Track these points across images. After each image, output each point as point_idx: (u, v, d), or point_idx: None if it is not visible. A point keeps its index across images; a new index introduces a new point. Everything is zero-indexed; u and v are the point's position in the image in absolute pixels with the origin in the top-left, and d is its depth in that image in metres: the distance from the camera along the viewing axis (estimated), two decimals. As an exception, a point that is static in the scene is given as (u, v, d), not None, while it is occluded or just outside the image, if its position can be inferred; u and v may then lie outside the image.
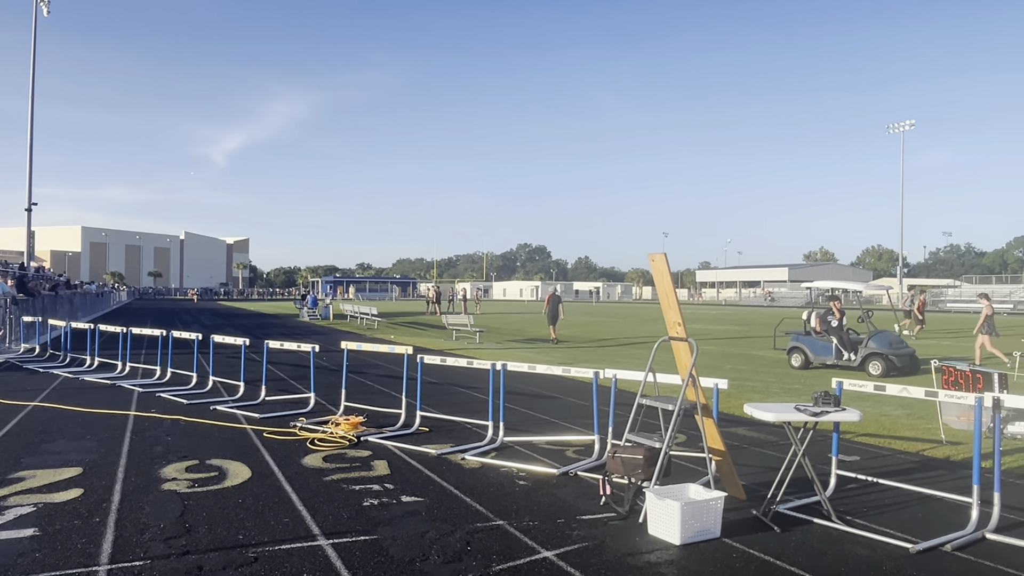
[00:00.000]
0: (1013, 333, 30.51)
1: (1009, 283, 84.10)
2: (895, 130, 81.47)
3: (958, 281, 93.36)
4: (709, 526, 5.02)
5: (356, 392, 11.00)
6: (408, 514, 5.45)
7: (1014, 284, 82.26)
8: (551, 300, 24.19)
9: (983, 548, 4.93)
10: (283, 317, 41.99)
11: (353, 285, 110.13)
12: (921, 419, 9.69)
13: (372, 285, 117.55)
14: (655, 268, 6.13)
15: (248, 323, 35.67)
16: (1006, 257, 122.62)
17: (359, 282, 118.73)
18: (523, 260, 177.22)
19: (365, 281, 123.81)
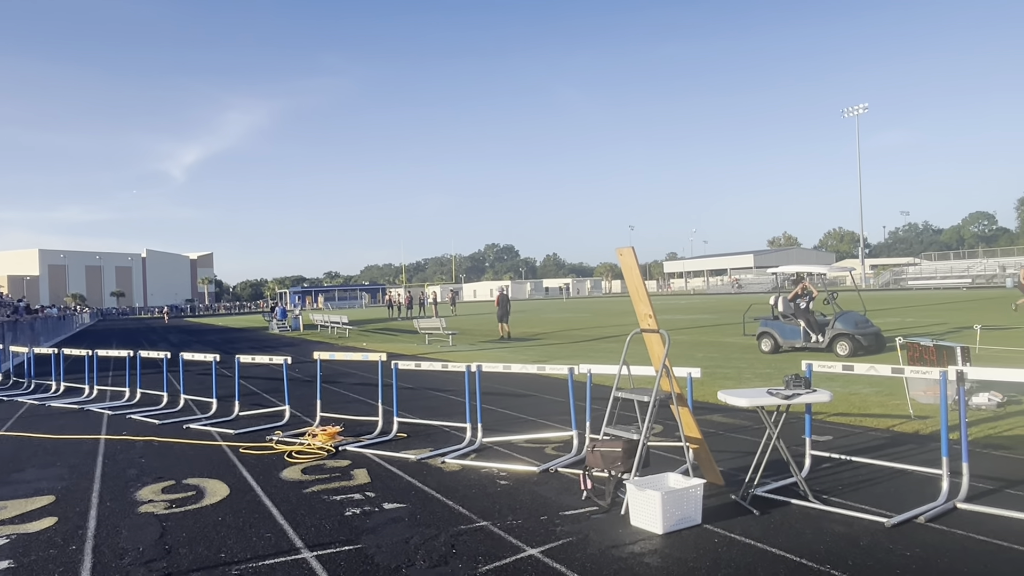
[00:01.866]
0: (973, 307, 31.28)
1: (966, 259, 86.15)
2: (850, 114, 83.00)
3: (918, 259, 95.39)
4: (690, 513, 5.09)
5: (331, 402, 10.93)
6: (391, 521, 5.44)
7: (971, 259, 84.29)
8: (500, 300, 25.46)
9: (955, 518, 5.06)
10: (252, 330, 41.50)
11: (322, 294, 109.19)
12: (889, 396, 9.90)
13: (341, 293, 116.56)
14: (624, 262, 6.18)
15: (217, 339, 35.20)
16: (962, 233, 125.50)
17: (328, 291, 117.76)
18: (492, 260, 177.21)
19: (334, 290, 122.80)
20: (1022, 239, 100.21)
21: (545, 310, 52.92)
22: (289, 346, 26.61)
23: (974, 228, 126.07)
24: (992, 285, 62.30)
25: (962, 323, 21.43)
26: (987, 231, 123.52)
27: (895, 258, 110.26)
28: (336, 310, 67.19)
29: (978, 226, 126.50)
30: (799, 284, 16.97)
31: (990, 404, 8.87)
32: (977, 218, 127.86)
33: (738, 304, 39.01)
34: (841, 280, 48.53)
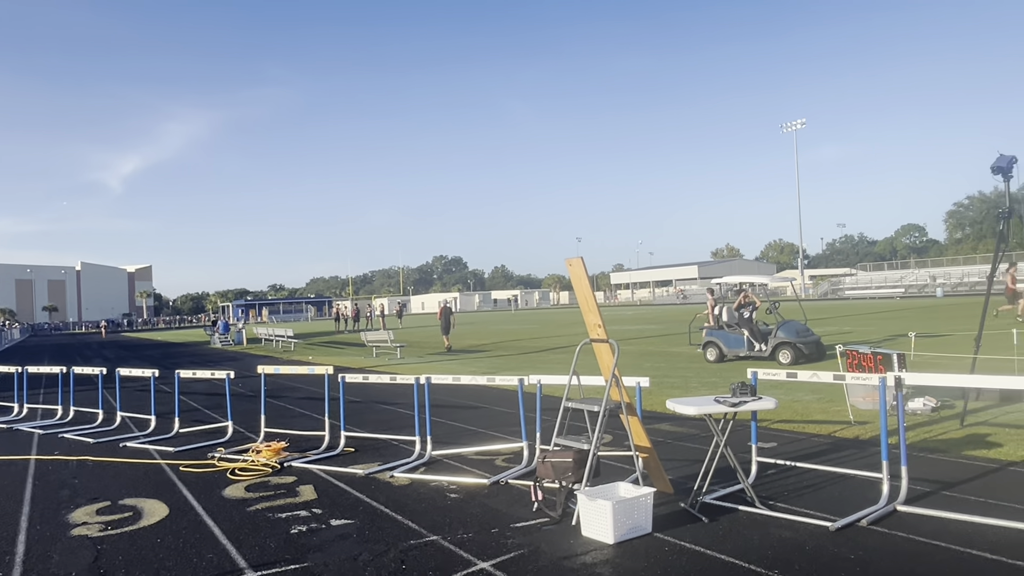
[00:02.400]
0: (907, 316, 32.41)
1: (900, 269, 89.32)
2: (788, 129, 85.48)
3: (854, 270, 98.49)
4: (641, 522, 5.10)
5: (277, 417, 10.68)
6: (339, 538, 5.32)
7: (904, 270, 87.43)
8: (443, 312, 26.00)
9: (895, 520, 5.19)
10: (193, 345, 40.41)
11: (266, 307, 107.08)
12: (830, 402, 10.14)
13: (286, 306, 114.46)
14: (573, 272, 6.20)
15: (156, 354, 34.16)
16: (895, 245, 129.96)
17: (272, 304, 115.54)
18: (440, 272, 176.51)
19: (279, 303, 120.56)
20: (950, 250, 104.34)
21: (494, 322, 52.90)
22: (232, 360, 25.97)
23: (906, 240, 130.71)
24: (924, 295, 64.66)
25: (897, 331, 22.17)
26: (918, 243, 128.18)
27: (832, 269, 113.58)
28: (281, 323, 65.93)
29: (910, 238, 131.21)
30: (742, 295, 17.32)
31: (925, 408, 9.17)
32: (909, 230, 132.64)
33: (684, 314, 39.64)
34: (782, 290, 49.76)
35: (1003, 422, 8.38)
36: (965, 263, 79.16)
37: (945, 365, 11.97)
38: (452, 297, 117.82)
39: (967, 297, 53.15)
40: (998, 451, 7.07)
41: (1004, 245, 9.09)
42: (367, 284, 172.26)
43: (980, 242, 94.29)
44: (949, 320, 26.32)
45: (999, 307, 23.92)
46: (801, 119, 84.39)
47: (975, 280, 65.75)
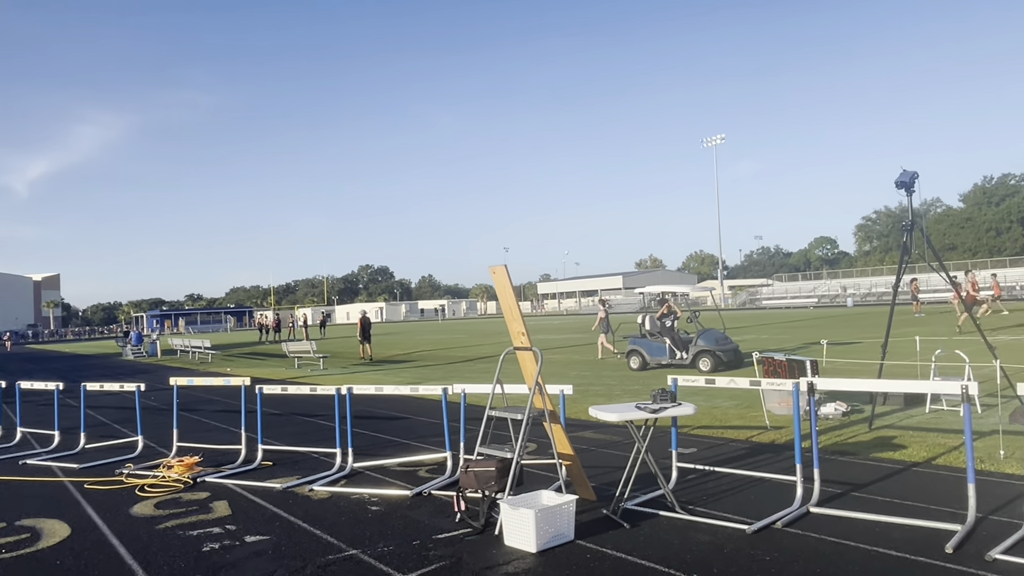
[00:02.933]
0: (819, 324, 33.72)
1: (813, 280, 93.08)
2: (709, 143, 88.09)
3: (770, 280, 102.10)
4: (563, 530, 5.10)
5: (191, 431, 10.27)
6: (253, 555, 5.13)
7: (817, 281, 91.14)
8: (362, 322, 26.12)
9: (808, 521, 5.35)
10: (104, 357, 38.59)
11: (183, 318, 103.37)
12: (748, 408, 10.42)
13: (204, 317, 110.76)
14: (497, 280, 6.19)
15: (63, 366, 32.47)
16: (809, 256, 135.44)
17: (189, 314, 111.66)
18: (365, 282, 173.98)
19: (196, 313, 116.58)
20: (860, 262, 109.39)
21: (420, 332, 52.46)
22: (144, 373, 24.91)
23: (819, 252, 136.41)
24: (835, 304, 67.48)
25: (810, 339, 23.02)
26: (830, 254, 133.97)
27: (750, 279, 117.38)
28: (198, 334, 63.76)
29: (822, 250, 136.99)
30: (664, 304, 17.69)
31: (836, 413, 9.52)
32: (821, 242, 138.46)
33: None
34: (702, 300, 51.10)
35: (907, 425, 8.77)
36: (873, 274, 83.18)
37: (854, 371, 12.48)
38: (379, 307, 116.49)
39: (875, 307, 55.74)
40: (903, 453, 7.39)
41: (907, 257, 9.56)
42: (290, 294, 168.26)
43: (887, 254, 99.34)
44: (858, 328, 27.52)
45: (959, 320, 22.03)
46: (721, 135, 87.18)
47: (882, 291, 69.00)
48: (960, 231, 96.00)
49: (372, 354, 25.51)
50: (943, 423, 8.72)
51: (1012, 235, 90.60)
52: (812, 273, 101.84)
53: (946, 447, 7.48)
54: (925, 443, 7.72)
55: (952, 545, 4.61)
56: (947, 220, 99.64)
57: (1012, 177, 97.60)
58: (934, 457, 7.14)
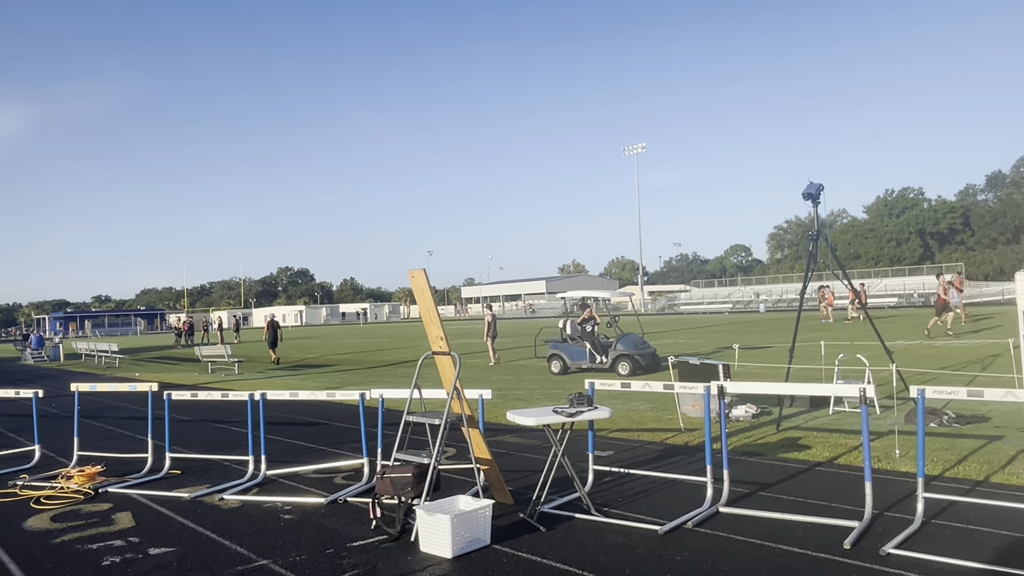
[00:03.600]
0: (733, 329, 34.85)
1: (728, 286, 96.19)
2: (630, 152, 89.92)
3: (688, 286, 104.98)
4: (479, 535, 5.09)
5: (94, 439, 9.80)
6: (157, 568, 4.92)
7: (732, 287, 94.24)
8: (269, 326, 26.02)
9: (718, 521, 5.51)
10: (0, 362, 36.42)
11: (89, 320, 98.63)
12: (664, 411, 10.66)
13: (112, 319, 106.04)
14: (415, 284, 6.14)
15: (-47, 372, 30.46)
16: (725, 263, 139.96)
17: (96, 316, 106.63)
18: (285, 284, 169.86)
19: (104, 315, 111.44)
20: (772, 269, 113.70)
21: (341, 336, 51.59)
22: (44, 378, 23.61)
23: (734, 259, 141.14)
24: (749, 310, 69.87)
25: (724, 343, 23.77)
26: (744, 261, 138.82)
27: (669, 285, 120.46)
28: (106, 338, 60.95)
29: (737, 257, 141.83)
30: (587, 310, 17.95)
31: (747, 415, 9.85)
32: (736, 250, 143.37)
33: (532, 328, 40.51)
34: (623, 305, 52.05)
35: (812, 426, 9.15)
36: (784, 281, 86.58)
37: (764, 375, 12.95)
38: (298, 310, 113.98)
39: (786, 312, 57.97)
40: (807, 453, 7.70)
41: (813, 265, 9.99)
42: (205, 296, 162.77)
43: (797, 262, 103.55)
44: (770, 333, 28.58)
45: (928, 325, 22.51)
46: (642, 143, 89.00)
47: (792, 297, 71.91)
48: (864, 241, 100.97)
49: (278, 357, 25.46)
50: (845, 424, 9.13)
51: (911, 246, 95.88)
52: (727, 280, 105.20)
53: (847, 447, 7.84)
54: (828, 443, 8.07)
55: (850, 541, 4.83)
56: (852, 230, 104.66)
57: (911, 191, 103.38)
58: (836, 457, 7.47)
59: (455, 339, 5.81)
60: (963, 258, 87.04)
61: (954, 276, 28.84)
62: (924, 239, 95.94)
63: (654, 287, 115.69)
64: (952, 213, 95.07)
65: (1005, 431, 8.23)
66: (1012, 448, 7.44)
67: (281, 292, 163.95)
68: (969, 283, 55.82)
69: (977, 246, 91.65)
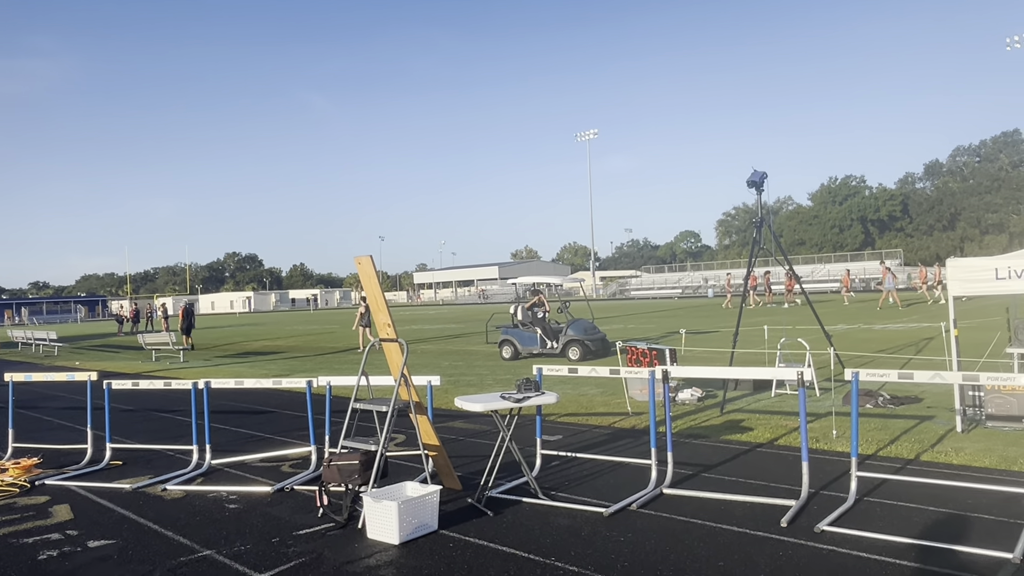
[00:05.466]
0: (682, 314, 35.43)
1: (678, 271, 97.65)
2: (582, 138, 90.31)
3: (639, 272, 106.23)
4: (427, 520, 5.12)
5: (30, 431, 9.50)
6: (96, 560, 4.83)
7: (681, 272, 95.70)
8: (184, 312, 26.62)
9: (661, 502, 5.63)
10: (-70, 351, 34.97)
11: (26, 307, 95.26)
12: (612, 395, 10.81)
13: (51, 306, 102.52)
14: (362, 271, 6.10)
15: None
16: (675, 249, 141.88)
17: (33, 303, 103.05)
18: (232, 270, 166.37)
19: (42, 302, 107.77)
20: (720, 255, 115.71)
21: (290, 322, 50.86)
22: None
23: (684, 245, 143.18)
24: (698, 295, 71.07)
25: (673, 328, 24.16)
26: (694, 247, 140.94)
27: (620, 271, 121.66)
28: (44, 326, 58.94)
29: (687, 243, 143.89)
30: (536, 295, 18.04)
31: (692, 399, 10.06)
32: (686, 236, 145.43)
33: (484, 314, 40.54)
34: (575, 291, 52.46)
35: (755, 408, 9.39)
36: (732, 267, 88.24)
37: (710, 359, 13.21)
38: (247, 296, 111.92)
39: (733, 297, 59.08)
40: (750, 435, 7.91)
41: (757, 250, 10.22)
42: (149, 282, 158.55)
43: (744, 248, 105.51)
44: (716, 318, 29.13)
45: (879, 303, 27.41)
46: (594, 130, 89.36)
47: (739, 283, 73.34)
48: (808, 227, 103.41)
49: (192, 343, 25.84)
50: (786, 406, 9.40)
51: (853, 232, 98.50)
52: (677, 265, 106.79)
53: (787, 428, 8.08)
54: (769, 425, 8.30)
55: (786, 519, 4.99)
56: (797, 217, 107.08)
57: (853, 179, 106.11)
58: (776, 438, 7.69)
59: (405, 325, 5.76)
60: (902, 244, 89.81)
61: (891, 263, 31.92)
62: (865, 226, 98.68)
63: (605, 272, 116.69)
64: (892, 200, 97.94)
65: (936, 411, 8.58)
66: (941, 428, 7.76)
67: (229, 278, 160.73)
68: (907, 268, 58.03)
69: (915, 232, 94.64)
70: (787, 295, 35.21)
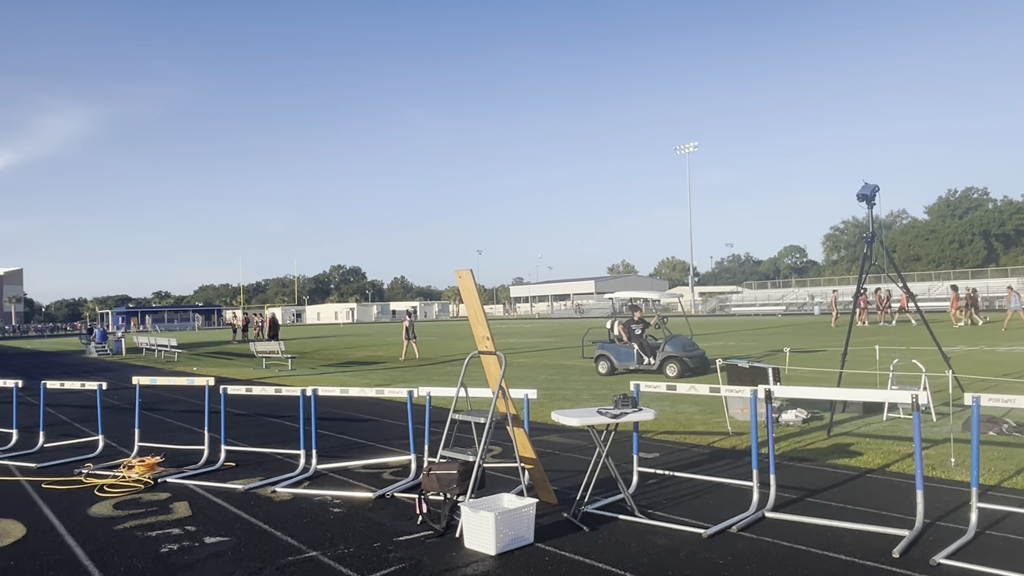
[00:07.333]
0: (786, 332, 34.20)
1: (781, 288, 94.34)
2: (682, 151, 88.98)
3: (740, 288, 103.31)
4: (523, 533, 5.15)
5: (153, 431, 10.16)
6: (212, 556, 5.11)
7: (785, 288, 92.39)
8: (271, 323, 29.71)
9: (764, 526, 5.46)
10: (66, 354, 37.92)
11: (150, 315, 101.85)
12: (712, 414, 10.56)
13: (171, 315, 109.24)
14: (462, 284, 6.23)
15: (23, 363, 31.83)
16: (778, 264, 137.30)
17: (156, 312, 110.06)
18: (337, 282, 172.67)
19: (163, 311, 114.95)
20: (827, 271, 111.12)
21: (390, 333, 52.22)
22: (107, 371, 24.53)
23: (788, 260, 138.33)
24: (803, 312, 68.44)
25: (776, 346, 23.35)
26: (799, 263, 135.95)
27: (720, 286, 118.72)
28: (165, 333, 62.87)
29: (791, 258, 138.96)
30: (636, 311, 17.86)
31: (796, 420, 9.70)
32: (791, 251, 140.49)
33: (579, 328, 40.42)
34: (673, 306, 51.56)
35: (864, 432, 8.96)
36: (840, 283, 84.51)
37: (816, 379, 12.70)
38: (350, 308, 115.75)
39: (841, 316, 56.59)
40: (859, 459, 7.56)
41: (868, 266, 9.78)
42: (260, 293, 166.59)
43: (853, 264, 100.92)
44: (823, 336, 27.98)
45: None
46: (694, 142, 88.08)
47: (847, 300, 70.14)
48: (924, 243, 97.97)
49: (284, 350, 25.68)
50: (899, 431, 8.93)
51: (974, 247, 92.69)
52: (781, 281, 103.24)
53: (900, 454, 7.67)
54: (880, 450, 7.90)
55: (899, 550, 4.74)
56: (912, 231, 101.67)
57: (975, 191, 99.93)
58: (888, 464, 7.32)
59: (502, 339, 5.88)
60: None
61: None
62: (989, 240, 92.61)
63: (705, 288, 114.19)
64: (1019, 214, 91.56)
65: (1069, 441, 7.95)
66: (1076, 459, 7.19)
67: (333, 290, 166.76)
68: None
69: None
70: (881, 314, 33.64)
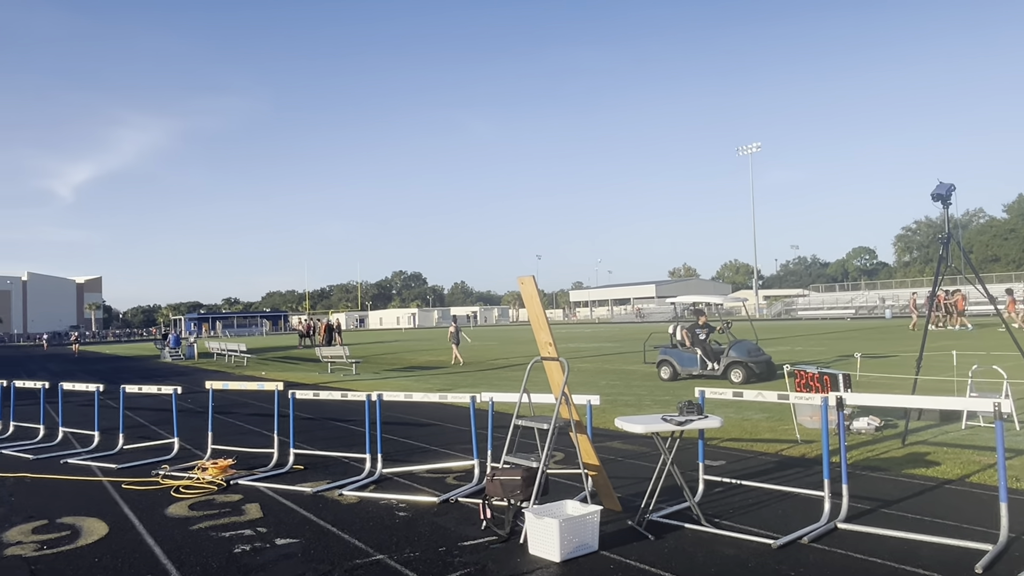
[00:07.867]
0: (856, 336, 33.17)
1: (850, 290, 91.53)
2: (744, 151, 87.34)
3: (806, 291, 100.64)
4: (587, 540, 5.13)
5: (225, 434, 10.49)
6: (283, 557, 5.24)
7: (854, 291, 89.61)
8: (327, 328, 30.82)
9: (835, 537, 5.30)
10: (142, 359, 39.48)
11: (219, 321, 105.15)
12: (779, 421, 10.32)
13: (240, 320, 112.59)
14: (524, 290, 6.25)
15: (103, 367, 33.28)
16: (847, 267, 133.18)
17: (226, 318, 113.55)
18: (399, 288, 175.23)
19: (232, 316, 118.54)
20: (899, 273, 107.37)
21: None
22: (181, 375, 25.42)
23: (857, 262, 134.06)
24: (873, 316, 66.28)
25: (845, 351, 22.67)
26: (868, 265, 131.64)
27: (786, 289, 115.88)
28: (234, 338, 64.78)
29: (860, 260, 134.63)
30: (701, 316, 17.58)
31: (869, 428, 9.39)
32: (860, 252, 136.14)
33: (640, 333, 39.99)
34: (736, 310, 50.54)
35: (942, 441, 8.62)
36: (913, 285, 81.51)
37: (889, 385, 12.29)
38: (411, 313, 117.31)
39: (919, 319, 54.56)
40: (936, 470, 7.27)
41: (943, 268, 9.42)
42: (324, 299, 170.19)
43: (927, 265, 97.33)
44: (896, 341, 27.04)
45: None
46: (757, 143, 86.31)
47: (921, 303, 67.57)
48: (1004, 242, 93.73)
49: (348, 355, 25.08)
50: (979, 440, 8.56)
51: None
52: (850, 284, 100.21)
53: (981, 464, 7.35)
54: (959, 460, 7.59)
55: (982, 565, 4.54)
56: (990, 231, 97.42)
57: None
58: (968, 475, 7.02)
59: (562, 343, 5.88)
60: (1121, 260, 79.28)
61: None
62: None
63: (769, 291, 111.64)
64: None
65: None
66: None
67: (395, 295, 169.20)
68: None
69: None
70: (950, 318, 32.18)
